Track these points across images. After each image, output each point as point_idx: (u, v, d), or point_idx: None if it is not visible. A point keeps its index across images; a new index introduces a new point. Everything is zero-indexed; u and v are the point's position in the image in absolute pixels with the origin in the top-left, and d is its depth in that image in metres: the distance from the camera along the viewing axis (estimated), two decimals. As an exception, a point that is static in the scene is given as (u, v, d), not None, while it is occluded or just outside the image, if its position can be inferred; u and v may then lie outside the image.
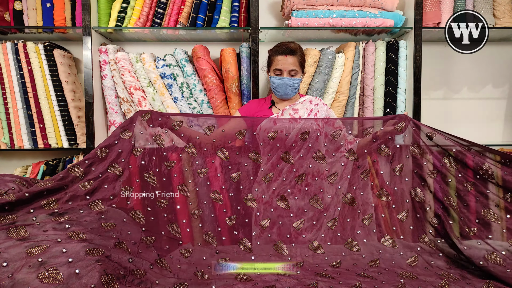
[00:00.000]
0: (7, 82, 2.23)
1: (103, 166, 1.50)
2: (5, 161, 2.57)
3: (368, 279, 1.36)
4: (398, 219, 1.62)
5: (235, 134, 1.72)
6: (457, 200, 1.58)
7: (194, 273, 1.36)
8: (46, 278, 0.97)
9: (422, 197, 1.62)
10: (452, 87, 2.62)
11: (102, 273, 1.06)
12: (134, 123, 1.62)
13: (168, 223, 1.57)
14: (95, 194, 1.45)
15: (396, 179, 1.67)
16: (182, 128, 1.67)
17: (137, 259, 1.27)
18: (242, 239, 1.61)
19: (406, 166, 1.66)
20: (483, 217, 1.52)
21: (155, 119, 1.64)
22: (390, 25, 2.21)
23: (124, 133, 1.59)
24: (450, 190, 1.60)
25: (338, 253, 1.56)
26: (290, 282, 1.32)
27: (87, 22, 2.14)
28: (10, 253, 1.02)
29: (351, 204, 1.66)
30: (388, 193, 1.66)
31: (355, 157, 1.71)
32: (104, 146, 1.55)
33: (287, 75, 1.81)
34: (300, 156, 1.69)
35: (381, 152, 1.68)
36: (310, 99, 1.90)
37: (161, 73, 2.22)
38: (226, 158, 1.69)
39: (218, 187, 1.67)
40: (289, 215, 1.66)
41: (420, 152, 1.65)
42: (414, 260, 1.50)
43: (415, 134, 1.67)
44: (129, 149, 1.58)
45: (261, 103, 1.96)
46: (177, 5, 2.21)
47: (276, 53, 1.84)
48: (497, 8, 2.29)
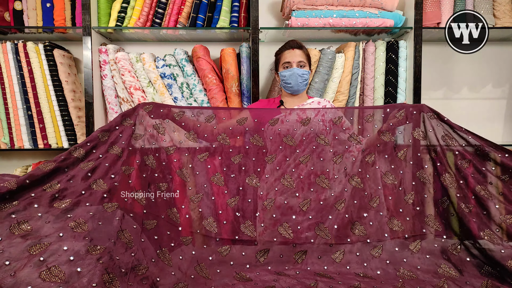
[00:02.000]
0: (7, 82, 2.23)
1: (104, 147, 1.50)
2: (5, 161, 2.57)
3: (367, 279, 1.36)
4: (405, 200, 1.61)
5: (236, 121, 1.72)
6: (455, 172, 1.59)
7: (195, 267, 1.36)
8: (48, 276, 0.97)
9: (427, 179, 1.62)
10: (452, 87, 2.63)
11: (104, 272, 1.06)
12: (136, 112, 1.63)
13: (167, 207, 1.54)
14: (96, 172, 1.43)
15: (401, 163, 1.65)
16: (184, 118, 1.68)
17: (139, 252, 1.27)
18: (245, 222, 1.55)
19: (409, 150, 1.66)
20: (477, 193, 1.52)
21: (156, 110, 1.66)
22: (390, 25, 2.22)
23: (126, 120, 1.60)
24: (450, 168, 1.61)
25: (344, 237, 1.52)
26: (290, 282, 1.32)
27: (87, 22, 2.14)
28: (12, 251, 1.03)
29: (357, 185, 1.62)
30: (394, 176, 1.63)
31: (358, 140, 1.68)
32: (105, 129, 1.55)
33: (295, 65, 1.85)
34: (303, 138, 1.67)
35: (384, 137, 1.67)
36: (318, 100, 1.90)
37: (161, 73, 2.22)
38: (227, 142, 1.68)
39: (219, 170, 1.65)
40: (295, 195, 1.60)
41: (423, 135, 1.65)
42: (417, 245, 1.50)
43: (417, 119, 1.67)
44: (129, 133, 1.58)
45: (270, 103, 1.98)
46: (177, 5, 2.22)
47: (283, 49, 1.90)
48: (497, 8, 2.30)
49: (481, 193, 1.52)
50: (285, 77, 1.87)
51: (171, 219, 1.53)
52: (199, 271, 1.35)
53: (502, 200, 1.49)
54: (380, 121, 1.71)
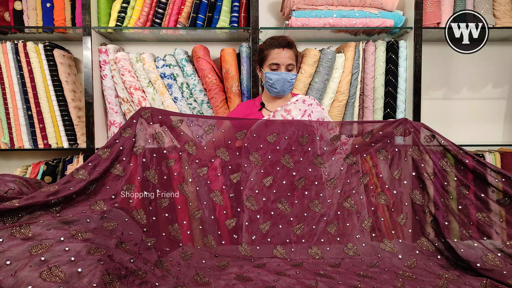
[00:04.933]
0: (7, 82, 2.23)
1: (105, 165, 1.50)
2: (5, 161, 2.57)
3: (367, 279, 1.36)
4: (397, 222, 1.62)
5: (235, 134, 1.68)
6: (456, 202, 1.58)
7: (194, 276, 1.36)
8: (49, 276, 0.97)
9: (421, 200, 1.62)
10: (452, 87, 2.63)
11: (104, 273, 1.06)
12: (135, 120, 1.61)
13: (169, 223, 1.56)
14: (97, 195, 1.45)
15: (395, 183, 1.65)
16: (182, 127, 1.65)
17: (139, 260, 1.27)
18: (242, 244, 1.59)
19: (404, 169, 1.66)
20: (478, 220, 1.52)
21: (155, 116, 1.63)
22: (390, 25, 2.21)
23: (125, 131, 1.59)
24: (449, 192, 1.60)
25: (337, 257, 1.56)
26: (290, 282, 1.32)
27: (87, 22, 2.14)
28: (13, 251, 1.03)
29: (350, 208, 1.64)
30: (387, 196, 1.64)
31: (354, 161, 1.68)
32: (106, 146, 1.55)
33: (284, 69, 1.73)
34: (300, 160, 1.66)
35: (380, 156, 1.68)
36: (303, 98, 1.84)
37: (161, 73, 2.22)
38: (226, 158, 1.66)
39: (218, 187, 1.64)
40: (289, 219, 1.62)
41: (419, 154, 1.65)
42: (412, 263, 1.51)
43: (414, 136, 1.66)
44: (130, 146, 1.57)
45: (251, 105, 1.90)
46: (177, 5, 2.22)
47: (271, 47, 1.74)
48: (497, 8, 2.30)
49: (481, 220, 1.52)
50: (271, 80, 1.74)
51: (171, 235, 1.55)
52: (198, 279, 1.35)
53: (505, 226, 1.49)
54: (378, 139, 1.70)
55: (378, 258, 1.54)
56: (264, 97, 1.88)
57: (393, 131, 1.66)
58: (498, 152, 2.34)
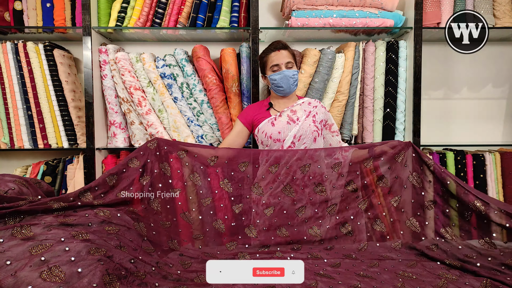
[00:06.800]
0: (7, 82, 2.23)
1: (113, 194, 1.53)
2: (5, 161, 2.57)
3: (367, 279, 1.36)
4: (393, 248, 1.62)
5: (238, 165, 1.73)
6: (459, 231, 1.57)
7: (194, 279, 1.36)
8: (49, 276, 0.97)
9: (418, 228, 1.62)
10: (452, 87, 2.63)
11: (104, 273, 1.06)
12: (141, 152, 1.65)
13: (169, 239, 1.59)
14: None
15: (393, 210, 1.66)
16: (186, 158, 1.70)
17: (138, 261, 1.28)
18: None
19: (404, 196, 1.66)
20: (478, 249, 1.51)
21: (161, 147, 1.68)
22: (390, 25, 2.22)
23: (132, 162, 1.62)
24: (450, 220, 1.59)
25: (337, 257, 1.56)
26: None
27: (87, 22, 2.14)
28: (13, 251, 1.03)
29: (348, 234, 1.66)
30: (384, 225, 1.66)
31: (354, 188, 1.71)
32: (113, 173, 1.57)
33: (284, 67, 1.82)
34: (301, 189, 1.70)
35: (380, 183, 1.69)
36: (309, 101, 1.90)
37: (161, 73, 2.22)
38: (229, 189, 1.71)
39: (221, 217, 1.69)
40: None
41: (419, 182, 1.65)
42: (413, 263, 1.50)
43: (415, 162, 1.66)
44: (137, 177, 1.61)
45: (260, 106, 1.96)
46: (177, 5, 2.22)
47: (268, 52, 1.86)
48: (497, 8, 2.30)
49: None
50: (275, 81, 1.83)
51: (171, 248, 1.56)
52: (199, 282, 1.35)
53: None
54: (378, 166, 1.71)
55: (378, 258, 1.55)
56: (272, 99, 1.96)
57: (394, 157, 1.69)
58: (498, 152, 2.34)
